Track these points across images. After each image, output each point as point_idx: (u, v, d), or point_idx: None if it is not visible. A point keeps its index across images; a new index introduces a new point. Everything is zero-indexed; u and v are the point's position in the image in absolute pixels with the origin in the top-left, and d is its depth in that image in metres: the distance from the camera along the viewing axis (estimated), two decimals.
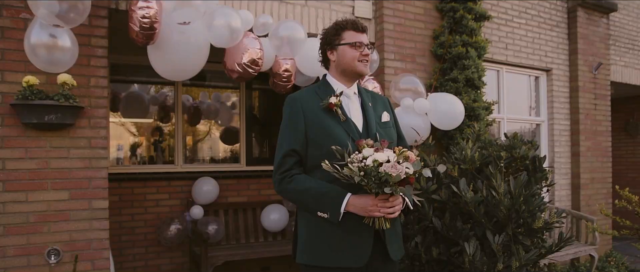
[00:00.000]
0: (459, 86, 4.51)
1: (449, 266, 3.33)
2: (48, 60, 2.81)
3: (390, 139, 2.11)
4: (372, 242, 2.01)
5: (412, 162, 1.86)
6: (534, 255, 3.08)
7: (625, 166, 8.69)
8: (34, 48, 2.76)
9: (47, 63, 2.82)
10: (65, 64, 2.89)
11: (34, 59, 2.81)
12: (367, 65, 2.16)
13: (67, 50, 2.84)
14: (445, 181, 3.36)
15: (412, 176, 1.84)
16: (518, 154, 3.29)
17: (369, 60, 2.17)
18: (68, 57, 2.87)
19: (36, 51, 2.77)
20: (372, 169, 1.78)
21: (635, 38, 7.15)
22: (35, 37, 2.75)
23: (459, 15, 4.64)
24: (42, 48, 2.77)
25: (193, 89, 5.92)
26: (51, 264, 3.11)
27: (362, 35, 2.13)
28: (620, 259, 5.74)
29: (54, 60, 2.83)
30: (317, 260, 2.01)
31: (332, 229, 1.98)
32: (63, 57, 2.84)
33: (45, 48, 2.78)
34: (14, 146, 3.06)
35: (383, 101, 2.32)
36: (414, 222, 3.37)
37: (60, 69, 2.91)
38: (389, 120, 2.24)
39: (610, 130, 6.44)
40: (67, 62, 2.89)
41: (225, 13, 3.09)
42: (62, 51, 2.82)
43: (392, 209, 1.92)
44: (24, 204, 3.07)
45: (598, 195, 6.19)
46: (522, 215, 3.05)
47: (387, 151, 1.85)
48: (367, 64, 2.15)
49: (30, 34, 2.76)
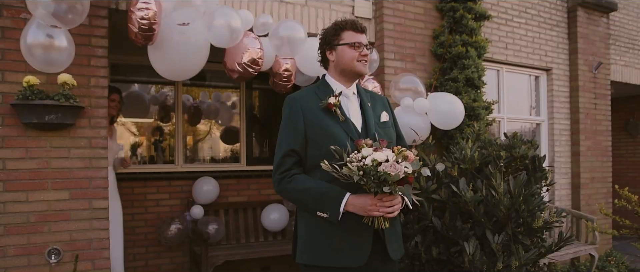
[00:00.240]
0: (459, 86, 4.52)
1: (448, 266, 3.34)
2: (44, 60, 2.80)
3: (389, 138, 2.13)
4: (371, 241, 2.01)
5: (410, 161, 1.87)
6: (534, 254, 3.08)
7: (626, 165, 8.70)
8: (30, 48, 2.76)
9: (44, 63, 2.81)
10: (61, 64, 2.88)
11: (30, 59, 2.80)
12: (366, 66, 2.16)
13: (63, 50, 2.83)
14: (445, 180, 3.36)
15: (411, 175, 1.85)
16: (518, 153, 3.29)
17: (368, 61, 2.18)
18: (64, 57, 2.86)
19: (32, 51, 2.76)
20: (371, 168, 1.79)
21: (635, 37, 7.15)
22: (31, 37, 2.74)
23: (458, 14, 4.64)
24: (38, 48, 2.76)
25: (193, 89, 5.92)
26: (51, 263, 3.11)
27: (361, 35, 2.13)
28: (621, 258, 5.74)
29: (51, 60, 2.82)
30: (316, 260, 2.02)
31: (332, 228, 1.99)
32: (59, 57, 2.83)
33: (41, 48, 2.77)
34: (14, 145, 3.06)
35: (382, 101, 2.32)
36: (413, 222, 3.37)
37: (57, 69, 2.90)
38: (388, 120, 2.25)
39: (611, 130, 6.44)
40: (64, 62, 2.88)
41: (225, 13, 3.09)
42: (59, 51, 2.82)
43: (391, 208, 1.93)
44: (24, 204, 3.08)
45: (598, 194, 6.20)
46: (521, 214, 3.06)
47: (386, 151, 1.86)
48: (366, 64, 2.15)
49: (26, 33, 2.75)
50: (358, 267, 2.01)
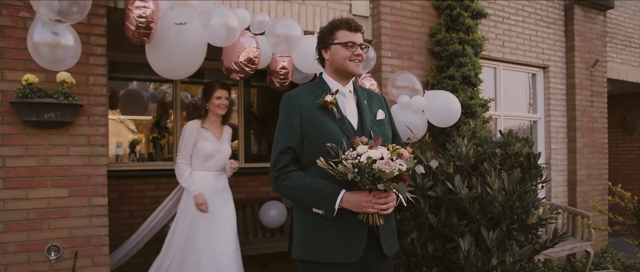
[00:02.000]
0: (455, 83, 4.55)
1: (444, 262, 3.37)
2: (51, 58, 2.83)
3: (384, 136, 2.15)
4: (366, 238, 2.04)
5: (405, 159, 1.90)
6: (528, 251, 3.11)
7: (622, 162, 8.74)
8: (36, 46, 2.78)
9: (50, 61, 2.84)
10: (68, 62, 2.91)
11: (37, 58, 2.83)
12: (359, 65, 2.17)
13: (69, 49, 2.86)
14: (441, 177, 3.39)
15: (406, 173, 1.87)
16: (512, 151, 3.32)
17: (363, 60, 2.19)
18: (71, 55, 2.89)
19: (39, 49, 2.79)
20: (366, 165, 1.82)
21: (631, 35, 7.17)
22: (38, 36, 2.76)
23: (455, 12, 4.67)
24: (45, 46, 2.79)
25: (192, 86, 5.94)
26: (51, 260, 3.15)
27: (356, 34, 2.15)
28: (616, 254, 5.78)
29: (57, 59, 2.85)
30: (312, 255, 2.05)
31: (327, 224, 2.01)
32: (65, 55, 2.86)
33: (48, 46, 2.79)
34: (13, 143, 3.09)
35: (379, 99, 2.33)
36: (410, 219, 3.40)
37: (63, 67, 2.93)
38: (384, 118, 2.26)
39: (607, 127, 6.47)
40: (70, 60, 2.91)
41: (222, 12, 3.11)
42: (65, 49, 2.84)
43: (386, 205, 1.95)
44: (24, 201, 3.11)
45: (594, 191, 6.24)
46: (516, 211, 3.09)
47: (381, 148, 1.89)
48: (359, 64, 2.16)
49: (33, 32, 2.77)
50: (353, 263, 2.04)
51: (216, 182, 3.72)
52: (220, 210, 3.67)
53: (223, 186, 3.78)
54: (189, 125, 3.66)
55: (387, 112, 2.31)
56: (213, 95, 3.68)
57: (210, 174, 3.70)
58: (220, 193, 3.72)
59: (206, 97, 3.73)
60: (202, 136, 3.65)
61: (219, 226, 3.64)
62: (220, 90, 3.69)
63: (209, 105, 3.71)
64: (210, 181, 3.68)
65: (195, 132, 3.64)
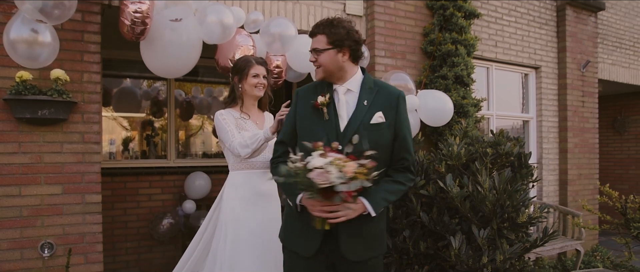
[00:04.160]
0: (448, 83, 4.58)
1: (436, 260, 3.41)
2: (28, 55, 2.78)
3: (375, 141, 2.08)
4: (320, 237, 2.13)
5: (347, 174, 1.86)
6: (518, 249, 3.16)
7: (613, 162, 8.84)
8: (13, 43, 2.74)
9: (26, 58, 2.79)
10: (45, 60, 2.85)
11: (12, 54, 2.78)
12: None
13: (46, 46, 2.81)
14: (433, 176, 3.43)
15: (348, 190, 1.87)
16: (503, 150, 3.36)
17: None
18: (47, 53, 2.83)
19: (15, 46, 2.74)
20: (301, 172, 1.87)
21: (622, 36, 7.25)
22: (15, 33, 2.72)
23: (449, 12, 4.70)
24: (22, 43, 2.74)
25: (185, 84, 5.95)
26: (45, 257, 3.15)
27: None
28: (606, 253, 5.85)
29: (33, 55, 2.79)
30: (285, 241, 2.30)
31: (296, 217, 2.21)
32: (42, 52, 2.81)
33: (25, 43, 2.75)
34: (6, 140, 3.09)
35: (388, 99, 2.17)
36: (402, 217, 3.44)
37: (40, 64, 2.86)
38: (384, 121, 2.13)
39: (598, 127, 6.54)
40: (47, 58, 2.85)
41: (218, 10, 3.13)
42: (42, 46, 2.80)
43: (331, 214, 2.00)
44: (17, 198, 3.11)
45: (585, 191, 6.30)
46: (506, 210, 3.13)
47: (330, 158, 1.87)
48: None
49: (9, 29, 2.73)
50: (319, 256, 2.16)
51: (261, 184, 2.85)
52: (265, 226, 2.80)
53: (269, 189, 2.91)
54: (223, 113, 2.84)
55: (394, 113, 2.16)
56: (248, 73, 2.85)
57: (254, 173, 2.85)
58: (265, 198, 2.88)
59: (239, 76, 2.88)
60: (241, 126, 2.83)
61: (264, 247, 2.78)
62: (257, 66, 2.87)
63: (244, 86, 2.88)
64: (255, 182, 2.84)
65: (232, 118, 2.84)
